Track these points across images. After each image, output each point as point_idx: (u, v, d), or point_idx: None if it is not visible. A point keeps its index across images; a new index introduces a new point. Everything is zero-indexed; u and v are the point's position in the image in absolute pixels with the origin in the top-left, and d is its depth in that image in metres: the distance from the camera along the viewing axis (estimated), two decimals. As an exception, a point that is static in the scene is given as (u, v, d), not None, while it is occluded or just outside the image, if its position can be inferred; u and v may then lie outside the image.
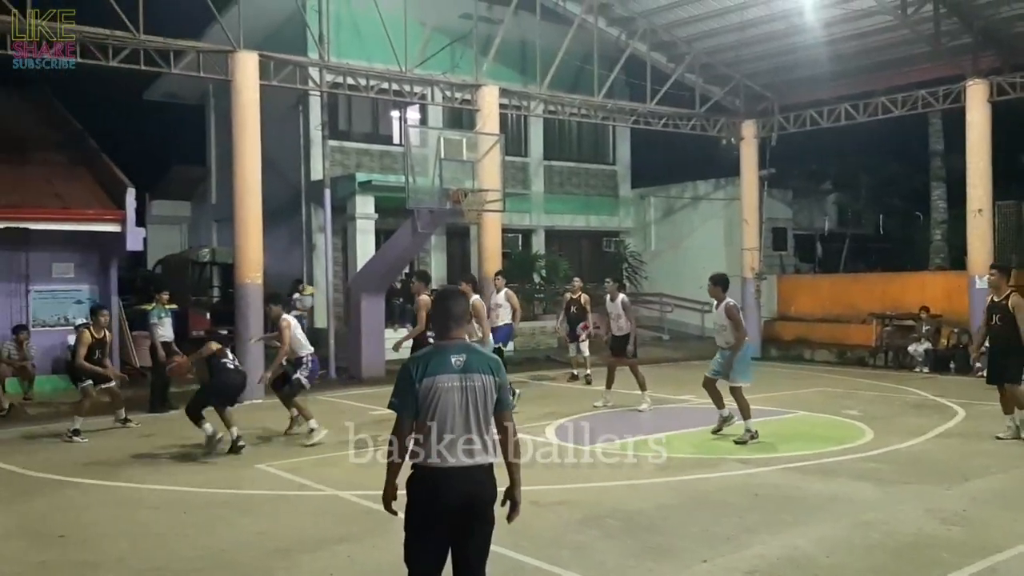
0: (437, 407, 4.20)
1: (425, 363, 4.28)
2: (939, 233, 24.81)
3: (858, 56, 19.89)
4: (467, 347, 4.36)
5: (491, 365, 4.33)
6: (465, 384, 4.23)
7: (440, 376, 4.22)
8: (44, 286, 16.06)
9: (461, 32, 19.53)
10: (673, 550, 6.49)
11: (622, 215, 27.11)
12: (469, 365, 4.26)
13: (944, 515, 7.24)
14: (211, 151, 26.96)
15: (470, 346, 4.40)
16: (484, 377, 4.27)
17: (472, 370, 4.25)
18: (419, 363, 4.30)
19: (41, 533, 7.20)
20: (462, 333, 4.43)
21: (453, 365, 4.24)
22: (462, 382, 4.23)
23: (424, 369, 4.25)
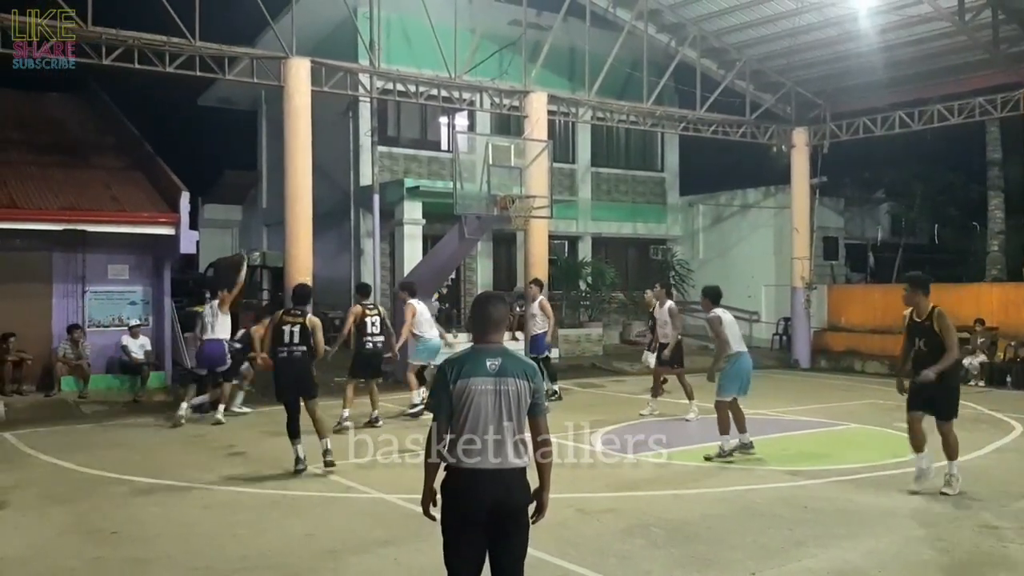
0: (470, 409, 4.25)
1: (460, 365, 4.32)
2: (996, 244, 24.24)
3: (913, 63, 19.53)
4: (503, 351, 4.39)
5: (527, 370, 4.35)
6: (499, 388, 4.27)
7: (474, 379, 4.27)
8: (100, 287, 16.36)
9: (510, 39, 19.57)
10: (719, 561, 6.41)
11: (670, 223, 26.92)
12: (504, 369, 4.29)
13: (1000, 532, 7.06)
14: (262, 156, 27.31)
15: (507, 350, 4.42)
16: (519, 382, 4.30)
17: (507, 374, 4.29)
18: (454, 365, 4.34)
19: (96, 529, 7.33)
20: (500, 337, 4.45)
21: (488, 368, 4.28)
22: (496, 385, 4.27)
23: (459, 371, 4.29)
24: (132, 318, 16.22)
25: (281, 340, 9.40)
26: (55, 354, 15.49)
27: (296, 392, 9.37)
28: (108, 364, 16.08)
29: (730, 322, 10.12)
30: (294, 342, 9.35)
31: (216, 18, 15.10)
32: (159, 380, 15.96)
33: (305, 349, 9.36)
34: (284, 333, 9.39)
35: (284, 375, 9.43)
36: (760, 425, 10.82)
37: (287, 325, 9.41)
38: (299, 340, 9.35)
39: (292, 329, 9.38)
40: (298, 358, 9.36)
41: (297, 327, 9.39)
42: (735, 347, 9.92)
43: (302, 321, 9.44)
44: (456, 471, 4.27)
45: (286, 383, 9.43)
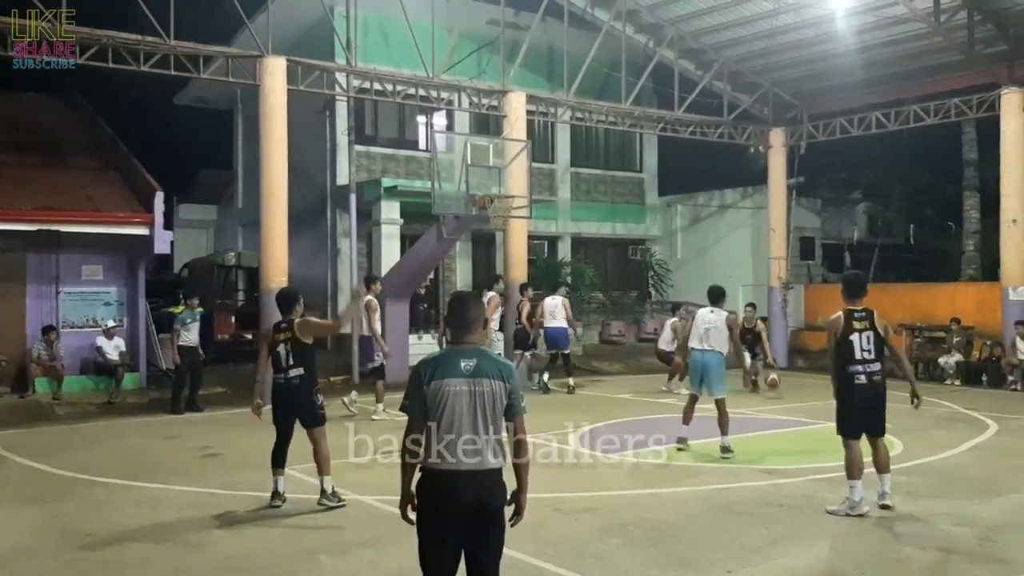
0: (445, 410, 4.22)
1: (435, 366, 4.29)
2: (972, 244, 24.49)
3: (890, 64, 19.67)
4: (479, 352, 4.36)
5: (502, 370, 4.32)
6: (474, 388, 4.24)
7: (449, 379, 4.24)
8: (74, 288, 16.23)
9: (488, 38, 19.52)
10: (696, 560, 6.40)
11: (648, 223, 26.97)
12: (479, 370, 4.26)
13: (976, 530, 7.09)
14: (238, 156, 27.15)
15: (481, 351, 4.39)
16: (494, 382, 4.27)
17: (482, 375, 4.26)
18: (429, 366, 4.31)
19: (70, 532, 7.26)
20: (476, 337, 4.43)
21: (463, 369, 4.25)
22: (471, 386, 4.24)
23: (433, 372, 4.27)
24: (106, 319, 16.08)
25: (277, 364, 7.99)
26: (29, 355, 15.34)
27: (293, 420, 8.02)
28: (82, 365, 15.94)
29: (698, 319, 10.36)
30: (289, 364, 7.88)
31: (191, 17, 14.96)
32: (134, 381, 15.85)
33: (303, 372, 7.91)
34: (279, 356, 7.96)
35: (280, 405, 8.06)
36: (738, 424, 10.82)
37: (279, 345, 7.96)
38: (294, 360, 7.88)
39: (285, 349, 7.92)
40: (296, 384, 7.90)
41: (288, 344, 7.92)
42: (690, 343, 10.35)
43: (290, 335, 7.93)
44: (432, 473, 4.24)
45: (282, 411, 8.04)
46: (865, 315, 7.69)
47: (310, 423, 7.99)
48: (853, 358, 7.60)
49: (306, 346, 7.96)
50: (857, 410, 7.66)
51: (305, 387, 7.95)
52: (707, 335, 10.17)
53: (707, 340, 10.16)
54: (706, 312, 10.34)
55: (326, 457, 7.96)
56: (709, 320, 10.24)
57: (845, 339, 7.62)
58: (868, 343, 7.59)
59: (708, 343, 10.15)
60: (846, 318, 7.68)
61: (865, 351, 7.59)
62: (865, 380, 7.58)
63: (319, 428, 8.00)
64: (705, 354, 10.17)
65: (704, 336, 10.19)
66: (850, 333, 7.62)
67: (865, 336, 7.60)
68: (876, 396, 7.64)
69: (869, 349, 7.59)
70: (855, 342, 7.59)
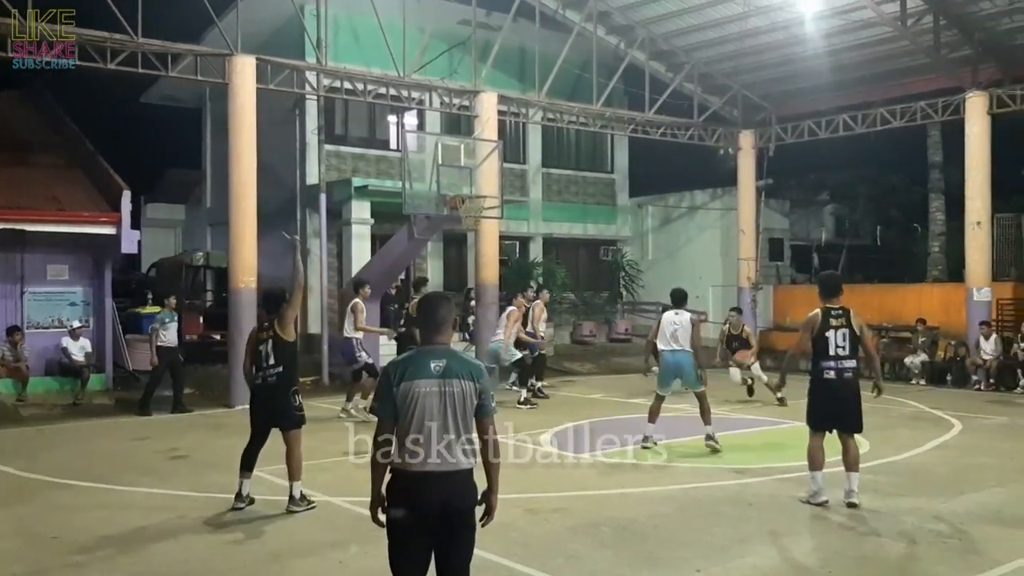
0: (415, 412, 4.20)
1: (404, 367, 4.28)
2: (937, 245, 24.81)
3: (857, 67, 19.90)
4: (449, 353, 4.34)
5: (472, 371, 4.30)
6: (444, 389, 4.22)
7: (418, 381, 4.22)
8: (39, 288, 16.01)
9: (460, 38, 19.50)
10: (666, 559, 6.44)
11: (620, 224, 27.07)
12: (449, 370, 4.24)
13: (940, 528, 7.19)
14: (207, 155, 26.88)
15: (452, 351, 4.37)
16: (464, 383, 4.25)
17: (452, 375, 4.24)
18: (399, 367, 4.30)
19: (35, 534, 7.17)
20: (445, 338, 4.41)
21: (432, 370, 4.23)
22: (441, 387, 4.22)
23: (403, 373, 4.25)
24: (72, 319, 15.87)
25: (258, 363, 7.90)
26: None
27: (270, 422, 7.95)
28: (47, 366, 15.72)
29: (664, 322, 10.61)
30: (269, 363, 7.81)
31: (159, 15, 14.84)
32: (100, 382, 15.67)
33: (281, 371, 7.82)
34: (260, 354, 7.90)
35: (256, 405, 7.99)
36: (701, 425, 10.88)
37: (262, 344, 7.90)
38: (274, 360, 7.81)
39: (266, 348, 7.85)
40: (273, 383, 7.81)
41: (269, 343, 7.84)
42: (659, 345, 10.63)
43: (273, 334, 7.85)
44: (402, 474, 4.23)
45: (258, 412, 7.97)
46: (841, 313, 7.89)
47: (286, 425, 7.86)
48: (827, 354, 7.78)
49: (287, 345, 7.89)
50: (824, 404, 7.86)
51: (282, 386, 7.84)
52: (675, 336, 10.49)
53: (676, 341, 10.47)
54: (671, 315, 10.65)
55: (299, 462, 7.84)
56: (675, 322, 10.56)
57: (821, 335, 7.81)
58: (843, 340, 7.78)
59: (678, 343, 10.46)
60: (823, 315, 7.87)
61: (839, 347, 7.77)
62: (834, 376, 7.76)
63: (295, 431, 7.87)
64: (676, 354, 10.49)
65: (673, 337, 10.49)
66: (826, 330, 7.81)
67: (840, 333, 7.79)
68: (846, 392, 7.80)
69: (843, 346, 7.78)
70: (830, 339, 7.78)
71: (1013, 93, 18.02)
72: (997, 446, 11.03)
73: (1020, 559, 6.39)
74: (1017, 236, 20.25)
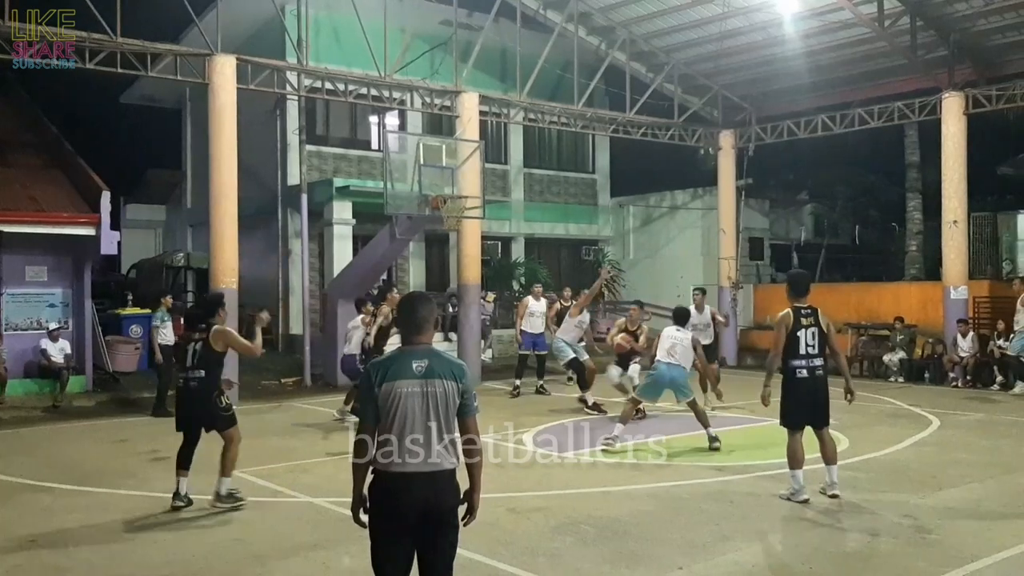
0: (397, 412, 4.19)
1: (386, 368, 4.27)
2: (914, 244, 25.00)
3: (835, 68, 20.06)
4: (431, 352, 4.33)
5: (454, 370, 4.30)
6: (426, 389, 4.22)
7: (400, 381, 4.21)
8: (17, 289, 15.84)
9: (441, 38, 19.50)
10: (648, 557, 6.47)
11: (601, 223, 27.16)
12: (431, 370, 4.24)
13: (920, 524, 7.26)
14: (187, 155, 26.78)
15: (435, 351, 4.36)
16: (446, 383, 4.24)
17: (434, 375, 4.23)
18: (380, 368, 4.29)
19: (12, 537, 7.10)
20: (427, 338, 4.40)
21: (414, 370, 4.23)
22: (423, 387, 4.22)
23: (384, 374, 4.24)
24: (51, 321, 15.74)
25: (182, 363, 8.01)
26: (-30, 359, 14.95)
27: (197, 425, 7.99)
28: (26, 368, 15.57)
29: (664, 336, 10.91)
30: (192, 364, 7.88)
31: (138, 14, 14.72)
32: (79, 384, 15.54)
33: (203, 375, 7.84)
34: (185, 354, 7.98)
35: (180, 407, 8.12)
36: (688, 422, 10.95)
37: (190, 343, 8.00)
38: (198, 362, 7.85)
39: (194, 347, 7.92)
40: (194, 388, 7.85)
41: (199, 345, 7.90)
42: (657, 356, 10.82)
43: (204, 337, 7.89)
44: (384, 474, 4.22)
45: (183, 416, 8.05)
46: (810, 312, 8.00)
47: (216, 426, 7.95)
48: (797, 353, 7.90)
49: (215, 353, 7.92)
50: (799, 402, 7.97)
51: (203, 391, 7.87)
52: (673, 350, 10.72)
53: (674, 355, 10.69)
54: (672, 330, 10.95)
55: (231, 460, 7.92)
56: (675, 337, 10.85)
57: (792, 335, 7.89)
58: (812, 339, 7.90)
59: (674, 358, 10.68)
60: (794, 315, 7.95)
61: (809, 346, 7.90)
62: (807, 374, 7.90)
63: (227, 431, 7.95)
64: (672, 367, 10.67)
65: (671, 350, 10.73)
66: (797, 329, 7.90)
67: (810, 332, 7.91)
68: (817, 389, 7.94)
69: (813, 344, 7.90)
70: (801, 338, 7.90)
71: (988, 93, 18.21)
72: (975, 442, 11.14)
73: (998, 553, 6.48)
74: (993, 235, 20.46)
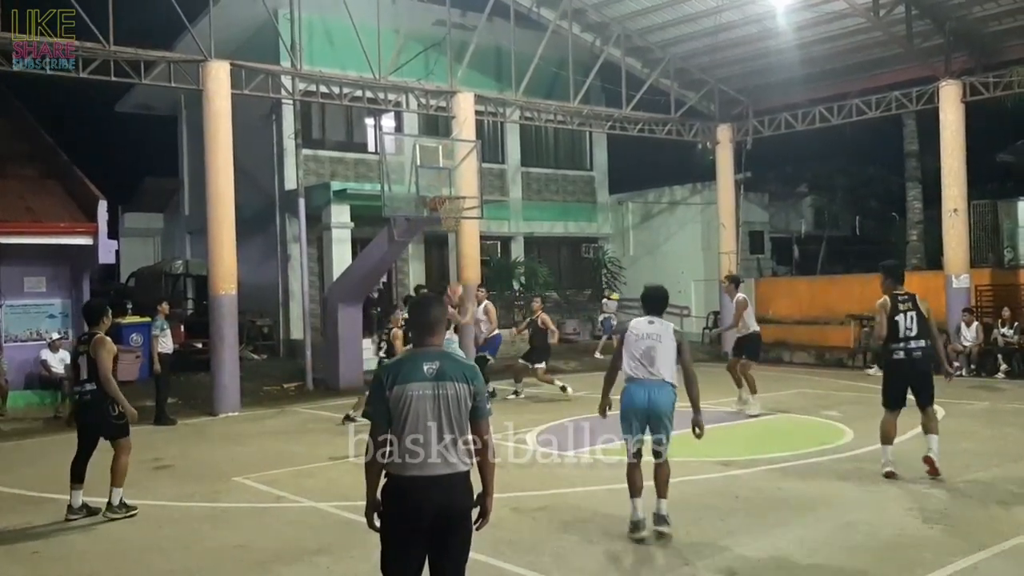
0: (409, 415, 4.13)
1: (397, 371, 4.21)
2: (915, 233, 24.94)
3: (831, 59, 20.02)
4: (442, 354, 4.28)
5: (466, 373, 4.24)
6: (438, 392, 4.15)
7: (411, 384, 4.15)
8: (16, 300, 15.85)
9: (435, 39, 19.46)
10: (653, 554, 6.44)
11: (600, 221, 27.11)
12: (443, 373, 4.18)
13: (926, 514, 7.22)
14: (184, 162, 26.76)
15: (445, 353, 4.31)
16: (458, 385, 4.18)
17: (446, 378, 4.17)
18: (391, 371, 4.24)
19: (15, 549, 7.08)
20: (438, 340, 4.34)
21: (425, 373, 4.16)
22: (435, 390, 4.15)
23: (395, 377, 4.18)
24: (51, 331, 15.72)
25: (76, 374, 7.92)
26: (-29, 371, 14.92)
27: (93, 434, 7.90)
28: (27, 380, 15.57)
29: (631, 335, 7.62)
30: (84, 377, 7.74)
31: (131, 22, 14.71)
32: (81, 395, 15.48)
33: (95, 388, 7.66)
34: (78, 367, 7.84)
35: (76, 419, 8.01)
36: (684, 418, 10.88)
37: (79, 356, 7.82)
38: (88, 375, 7.68)
39: (83, 362, 7.74)
40: (87, 401, 7.73)
41: (85, 358, 7.71)
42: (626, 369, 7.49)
43: (86, 349, 7.71)
44: (397, 478, 4.16)
45: (80, 426, 7.94)
46: (907, 298, 8.47)
47: (107, 435, 7.88)
48: (897, 336, 8.36)
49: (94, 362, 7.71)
50: (894, 383, 8.47)
51: (96, 403, 7.75)
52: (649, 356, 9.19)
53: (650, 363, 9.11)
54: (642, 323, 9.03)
55: (121, 470, 7.86)
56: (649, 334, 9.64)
57: (891, 319, 8.31)
58: (911, 323, 8.34)
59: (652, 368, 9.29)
60: (892, 301, 8.41)
61: (908, 330, 8.32)
62: (903, 356, 8.37)
63: (119, 440, 7.88)
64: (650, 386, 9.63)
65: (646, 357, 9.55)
66: (896, 314, 8.33)
67: (909, 316, 8.35)
68: (915, 371, 8.37)
69: (911, 328, 8.33)
70: (900, 322, 8.35)
71: (986, 81, 18.16)
72: (980, 431, 11.10)
73: (1004, 542, 6.43)
74: (994, 222, 20.40)
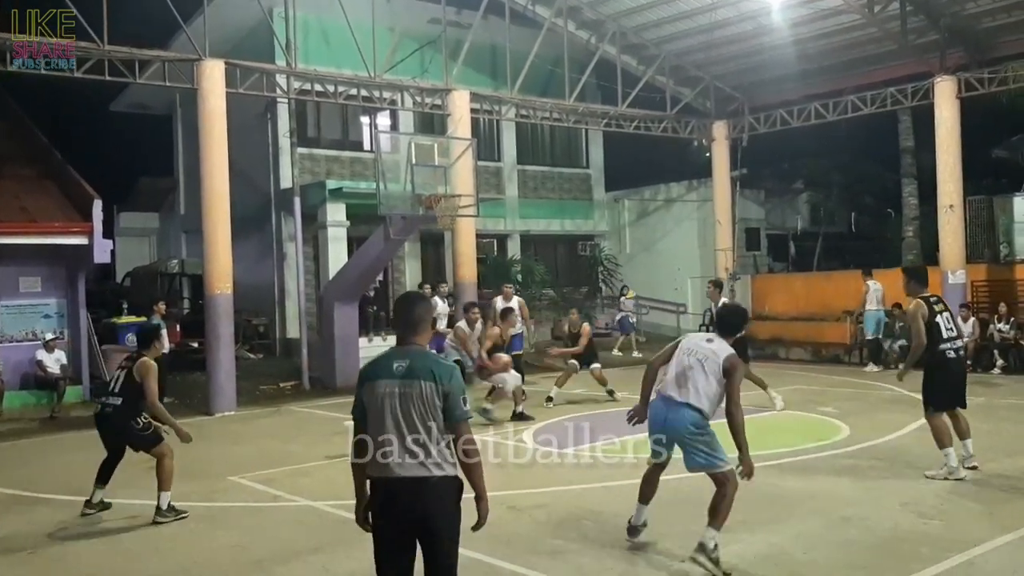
0: (376, 413, 4.11)
1: (372, 367, 4.20)
2: (911, 230, 24.94)
3: (826, 55, 20.02)
4: (413, 352, 4.19)
5: (435, 371, 4.10)
6: (404, 390, 4.08)
7: (380, 381, 4.12)
8: (11, 300, 15.83)
9: (430, 37, 19.44)
10: (651, 551, 6.44)
11: (597, 218, 27.11)
12: (411, 371, 4.09)
13: (922, 510, 7.24)
14: (179, 162, 26.71)
15: (416, 351, 4.21)
16: (424, 383, 4.07)
17: (413, 376, 4.08)
18: (368, 367, 4.24)
19: (11, 550, 7.07)
20: (420, 339, 4.28)
21: (394, 370, 4.11)
22: (401, 388, 4.08)
23: (367, 373, 4.18)
24: (46, 331, 15.70)
25: (107, 384, 8.10)
26: (-34, 372, 14.90)
27: (120, 444, 8.00)
28: (23, 380, 15.52)
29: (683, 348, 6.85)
30: (112, 391, 7.86)
31: (125, 21, 14.65)
32: (76, 395, 15.49)
33: (120, 403, 7.75)
34: (113, 378, 7.99)
35: (99, 429, 8.04)
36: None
37: (119, 369, 7.99)
38: (119, 390, 7.79)
39: (120, 375, 7.90)
40: (109, 414, 7.81)
41: (123, 372, 7.87)
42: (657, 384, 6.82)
43: (129, 367, 7.83)
44: (372, 479, 4.15)
45: (103, 436, 8.02)
46: (938, 299, 8.51)
47: (138, 448, 7.94)
48: (942, 337, 8.30)
49: (137, 384, 7.76)
50: (948, 383, 8.37)
51: (118, 418, 7.80)
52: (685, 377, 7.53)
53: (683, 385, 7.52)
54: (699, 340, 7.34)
55: (166, 475, 7.86)
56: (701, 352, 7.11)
57: (931, 322, 8.25)
58: (949, 322, 8.38)
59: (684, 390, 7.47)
60: (927, 304, 8.35)
61: (948, 329, 8.34)
62: (955, 355, 8.39)
63: (155, 449, 7.91)
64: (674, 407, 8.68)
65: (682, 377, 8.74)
66: (934, 316, 8.30)
67: (946, 316, 8.38)
68: (964, 370, 8.52)
69: (951, 327, 8.37)
70: (940, 323, 8.32)
71: (980, 77, 18.17)
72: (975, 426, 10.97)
73: (1000, 537, 6.45)
74: (989, 218, 20.39)
